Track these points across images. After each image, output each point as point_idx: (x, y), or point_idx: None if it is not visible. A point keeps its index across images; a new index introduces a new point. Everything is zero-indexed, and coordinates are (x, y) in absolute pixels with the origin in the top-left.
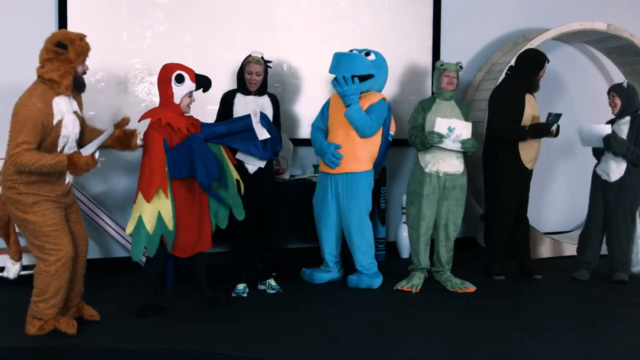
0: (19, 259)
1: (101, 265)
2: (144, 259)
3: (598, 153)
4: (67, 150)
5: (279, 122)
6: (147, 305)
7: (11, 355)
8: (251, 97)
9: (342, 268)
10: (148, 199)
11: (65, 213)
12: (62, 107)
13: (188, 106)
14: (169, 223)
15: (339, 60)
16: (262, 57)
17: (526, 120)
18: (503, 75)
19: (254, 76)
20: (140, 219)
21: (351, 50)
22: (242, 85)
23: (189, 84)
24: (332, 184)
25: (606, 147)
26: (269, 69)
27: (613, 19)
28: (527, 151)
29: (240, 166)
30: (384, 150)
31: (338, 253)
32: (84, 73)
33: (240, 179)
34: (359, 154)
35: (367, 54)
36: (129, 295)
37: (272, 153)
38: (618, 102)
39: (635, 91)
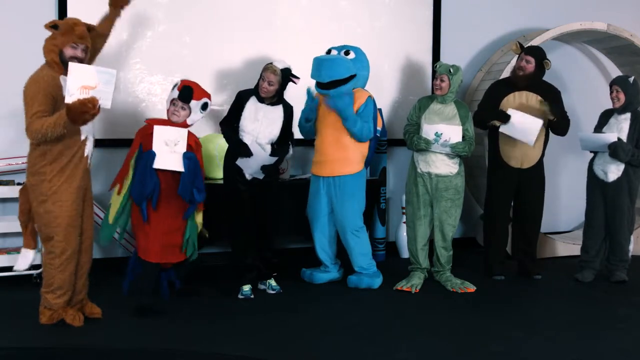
0: (33, 246)
1: (101, 265)
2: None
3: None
4: (86, 127)
5: (290, 131)
6: (146, 305)
7: (11, 355)
8: (262, 106)
9: (342, 268)
10: (111, 188)
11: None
12: None
13: (173, 114)
14: (111, 216)
15: (320, 65)
16: (286, 70)
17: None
18: (503, 75)
19: (266, 84)
20: (109, 207)
21: (329, 50)
22: (258, 90)
23: (174, 92)
24: (324, 187)
25: (612, 155)
26: (293, 83)
27: (613, 19)
28: (507, 147)
29: (238, 171)
30: (373, 147)
31: (333, 253)
32: (76, 58)
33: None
34: (350, 156)
35: (347, 52)
36: (128, 296)
37: (195, 192)
38: (622, 97)
39: (638, 87)
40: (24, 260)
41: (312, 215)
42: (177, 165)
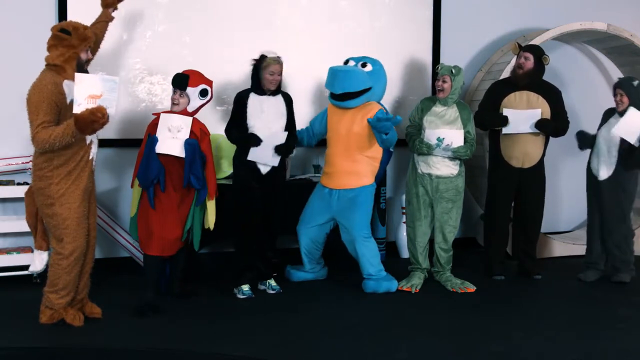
0: (46, 247)
1: (101, 265)
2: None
3: (586, 144)
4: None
5: (293, 120)
6: (145, 305)
7: (11, 355)
8: (265, 97)
9: (324, 270)
10: (132, 185)
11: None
12: (73, 89)
13: (173, 102)
14: (132, 210)
15: (335, 76)
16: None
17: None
18: (503, 75)
19: (276, 76)
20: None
21: (347, 61)
22: (257, 85)
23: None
24: (329, 198)
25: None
26: None
27: (613, 19)
28: (508, 147)
29: (252, 167)
30: (385, 163)
31: (315, 258)
32: (88, 61)
33: (211, 225)
34: (360, 170)
35: (364, 64)
36: (129, 295)
37: (193, 179)
38: (626, 100)
39: None
40: (39, 261)
41: (305, 218)
42: (177, 151)
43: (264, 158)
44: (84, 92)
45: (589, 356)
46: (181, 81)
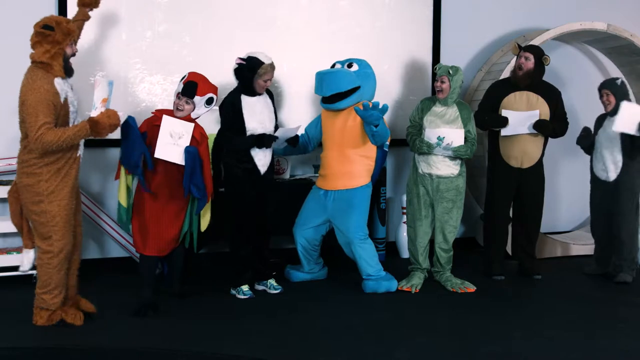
0: (32, 246)
1: (101, 265)
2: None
3: (587, 147)
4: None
5: (275, 115)
6: (144, 305)
7: (11, 355)
8: (256, 99)
9: (324, 270)
10: (116, 177)
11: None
12: (63, 86)
13: (177, 108)
14: (122, 198)
15: (322, 80)
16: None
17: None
18: (503, 75)
19: (269, 82)
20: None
21: (334, 64)
22: (248, 88)
23: (180, 86)
24: (324, 200)
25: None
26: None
27: (613, 19)
28: (507, 146)
29: (252, 169)
30: (380, 162)
31: (313, 258)
32: (73, 55)
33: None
34: (355, 170)
35: (350, 65)
36: (128, 295)
37: (194, 189)
38: (612, 100)
39: (627, 87)
40: (27, 261)
41: (300, 220)
42: (177, 158)
43: (269, 153)
44: (100, 95)
45: (589, 356)
46: (190, 89)
